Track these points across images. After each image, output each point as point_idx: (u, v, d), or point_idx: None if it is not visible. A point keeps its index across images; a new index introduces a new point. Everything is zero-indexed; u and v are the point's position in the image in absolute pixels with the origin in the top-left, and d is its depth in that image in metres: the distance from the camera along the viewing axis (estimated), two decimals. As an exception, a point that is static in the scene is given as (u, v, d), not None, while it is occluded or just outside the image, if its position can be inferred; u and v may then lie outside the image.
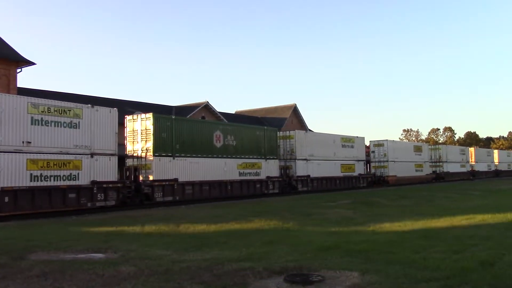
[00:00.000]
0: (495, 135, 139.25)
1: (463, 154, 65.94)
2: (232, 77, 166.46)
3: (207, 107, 49.89)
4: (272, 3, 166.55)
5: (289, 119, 60.64)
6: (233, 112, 63.77)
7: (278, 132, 35.66)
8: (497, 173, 76.09)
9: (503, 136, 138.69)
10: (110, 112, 22.61)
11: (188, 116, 46.49)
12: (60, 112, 20.30)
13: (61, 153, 20.17)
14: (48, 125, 19.77)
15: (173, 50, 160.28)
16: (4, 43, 32.76)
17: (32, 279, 7.55)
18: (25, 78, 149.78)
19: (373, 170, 48.44)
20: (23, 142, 18.92)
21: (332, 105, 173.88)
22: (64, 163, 20.20)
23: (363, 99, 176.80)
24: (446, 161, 59.24)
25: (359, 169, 43.36)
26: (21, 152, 18.80)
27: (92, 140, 21.49)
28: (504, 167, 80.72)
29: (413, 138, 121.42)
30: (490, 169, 74.81)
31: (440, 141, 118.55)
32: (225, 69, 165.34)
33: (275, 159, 33.90)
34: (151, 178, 24.30)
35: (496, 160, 78.71)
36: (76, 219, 18.40)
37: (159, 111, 37.55)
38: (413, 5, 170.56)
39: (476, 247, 9.88)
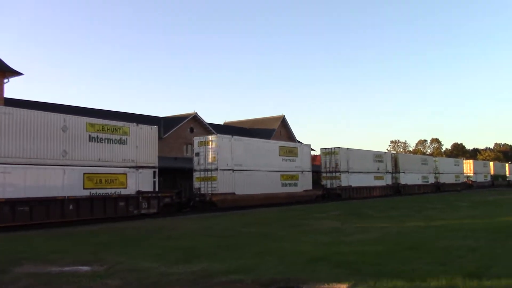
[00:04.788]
0: (481, 146, 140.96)
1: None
2: (220, 88, 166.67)
3: (195, 118, 49.87)
4: (260, 14, 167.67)
5: (277, 130, 60.79)
6: (222, 123, 63.80)
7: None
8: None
9: (489, 148, 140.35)
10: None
11: (176, 127, 46.48)
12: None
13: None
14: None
15: (161, 60, 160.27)
16: (-9, 53, 32.44)
17: (18, 293, 7.45)
18: (12, 89, 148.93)
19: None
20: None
21: (320, 117, 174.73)
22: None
23: (351, 111, 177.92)
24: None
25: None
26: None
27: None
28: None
29: (401, 150, 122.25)
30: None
31: (428, 152, 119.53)
32: (213, 80, 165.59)
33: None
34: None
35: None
36: (66, 231, 18.20)
37: (148, 122, 37.42)
38: (396, 17, 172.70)
39: (463, 259, 9.95)
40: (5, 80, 31.97)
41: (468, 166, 74.62)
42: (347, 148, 44.07)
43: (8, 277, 8.65)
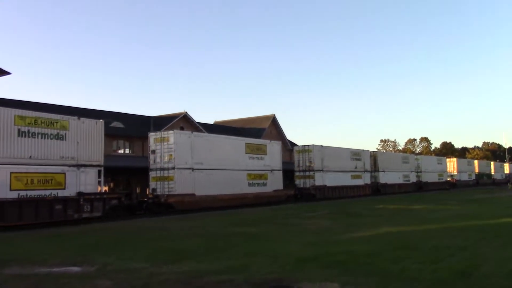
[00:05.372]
0: (470, 145, 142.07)
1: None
2: (211, 87, 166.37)
3: (186, 117, 49.71)
4: (252, 14, 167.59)
5: (267, 129, 60.77)
6: (212, 123, 63.67)
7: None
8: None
9: (477, 146, 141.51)
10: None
11: (166, 127, 46.32)
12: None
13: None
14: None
15: (151, 60, 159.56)
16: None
17: (6, 294, 7.37)
18: (0, 88, 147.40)
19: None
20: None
21: (311, 116, 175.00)
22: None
23: (342, 111, 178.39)
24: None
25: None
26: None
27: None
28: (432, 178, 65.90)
29: (390, 148, 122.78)
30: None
31: (417, 151, 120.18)
32: (203, 79, 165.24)
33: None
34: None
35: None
36: (53, 231, 18.02)
37: (138, 122, 37.28)
38: (386, 17, 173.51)
39: (453, 258, 10.00)
40: (-7, 79, 31.63)
41: (451, 165, 73.55)
42: (322, 146, 41.93)
43: (-4, 279, 8.54)
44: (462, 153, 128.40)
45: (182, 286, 7.58)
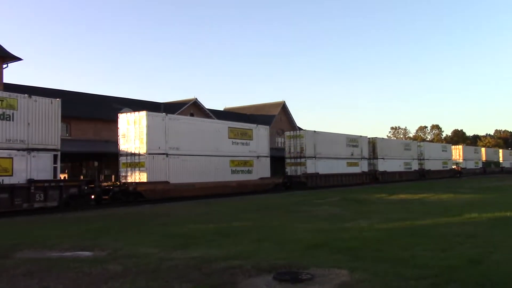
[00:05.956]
0: (482, 133, 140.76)
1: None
2: (221, 73, 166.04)
3: (195, 104, 49.73)
4: (262, 1, 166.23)
5: (277, 116, 60.62)
6: (222, 109, 63.63)
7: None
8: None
9: (489, 134, 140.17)
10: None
11: (176, 113, 46.37)
12: None
13: None
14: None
15: (162, 47, 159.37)
16: (-10, 38, 32.26)
17: (18, 277, 7.44)
18: (11, 74, 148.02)
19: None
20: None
21: (321, 103, 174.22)
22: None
23: (353, 98, 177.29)
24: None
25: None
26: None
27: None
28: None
29: (401, 136, 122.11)
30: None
31: (428, 139, 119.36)
32: (214, 66, 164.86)
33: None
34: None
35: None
36: (61, 217, 18.17)
37: (147, 108, 37.31)
38: (396, 3, 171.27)
39: (463, 245, 9.93)
40: (4, 65, 31.83)
41: (457, 152, 71.33)
42: (314, 131, 40.12)
43: (9, 263, 8.64)
44: (473, 141, 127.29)
45: (191, 272, 7.60)
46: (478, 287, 6.53)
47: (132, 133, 25.14)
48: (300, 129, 54.97)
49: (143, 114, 25.16)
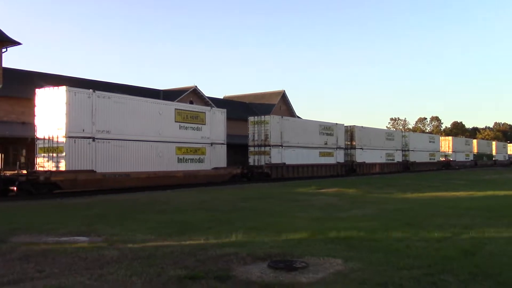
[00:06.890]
0: (481, 125, 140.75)
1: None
2: (221, 61, 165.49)
3: (195, 91, 49.59)
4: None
5: (277, 105, 60.53)
6: (222, 97, 63.50)
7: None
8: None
9: (488, 127, 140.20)
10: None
11: (175, 101, 46.22)
12: None
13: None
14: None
15: (162, 34, 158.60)
16: (-11, 22, 31.90)
17: (14, 262, 7.47)
18: (10, 58, 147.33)
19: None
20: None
21: (321, 93, 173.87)
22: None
23: (353, 88, 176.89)
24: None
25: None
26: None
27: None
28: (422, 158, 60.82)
29: (401, 127, 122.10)
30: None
31: (427, 131, 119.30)
32: (214, 53, 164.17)
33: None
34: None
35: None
36: (58, 202, 18.19)
37: (147, 95, 37.16)
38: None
39: (458, 236, 9.96)
40: (3, 50, 31.65)
41: (446, 143, 68.19)
42: (281, 117, 37.13)
43: (5, 247, 8.67)
44: (473, 133, 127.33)
45: (186, 258, 7.63)
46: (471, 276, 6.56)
47: (50, 112, 21.37)
48: (298, 118, 54.92)
49: (62, 89, 21.30)
